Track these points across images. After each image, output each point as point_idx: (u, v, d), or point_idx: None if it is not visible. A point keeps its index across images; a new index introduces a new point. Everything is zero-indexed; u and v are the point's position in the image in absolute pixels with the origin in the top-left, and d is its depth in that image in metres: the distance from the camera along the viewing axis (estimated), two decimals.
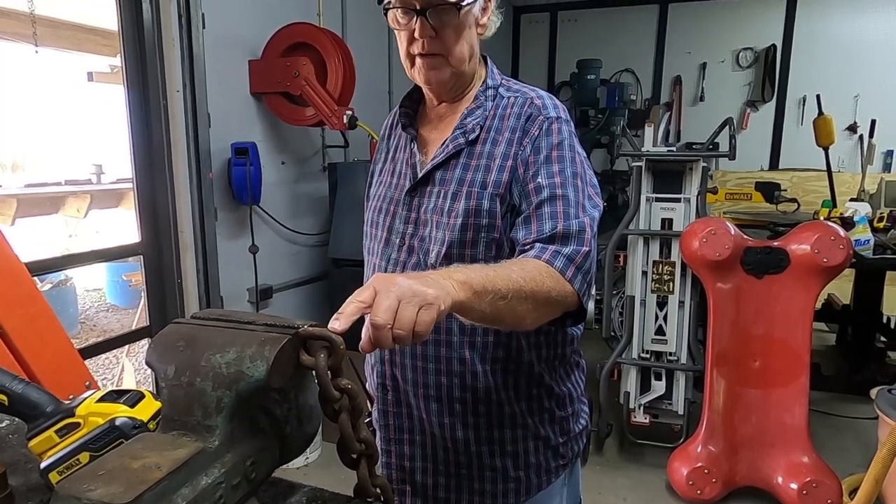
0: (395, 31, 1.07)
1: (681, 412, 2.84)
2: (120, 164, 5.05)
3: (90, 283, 6.34)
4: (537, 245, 0.97)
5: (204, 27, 2.49)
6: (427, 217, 1.08)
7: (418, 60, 1.05)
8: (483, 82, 1.13)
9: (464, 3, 1.01)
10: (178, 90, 2.44)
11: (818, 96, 4.29)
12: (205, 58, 2.50)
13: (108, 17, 2.82)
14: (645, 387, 2.91)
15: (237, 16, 2.71)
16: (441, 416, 1.09)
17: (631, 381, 2.90)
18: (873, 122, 4.57)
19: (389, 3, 1.03)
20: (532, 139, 1.04)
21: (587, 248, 0.98)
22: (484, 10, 1.08)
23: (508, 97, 1.11)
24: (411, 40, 1.04)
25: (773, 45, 5.67)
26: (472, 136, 1.07)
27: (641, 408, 2.89)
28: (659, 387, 2.87)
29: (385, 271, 1.11)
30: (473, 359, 1.06)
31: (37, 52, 2.09)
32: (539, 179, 1.02)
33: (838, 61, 5.48)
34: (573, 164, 1.04)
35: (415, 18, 1.01)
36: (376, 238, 1.16)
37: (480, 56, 1.14)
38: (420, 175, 1.10)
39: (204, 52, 2.50)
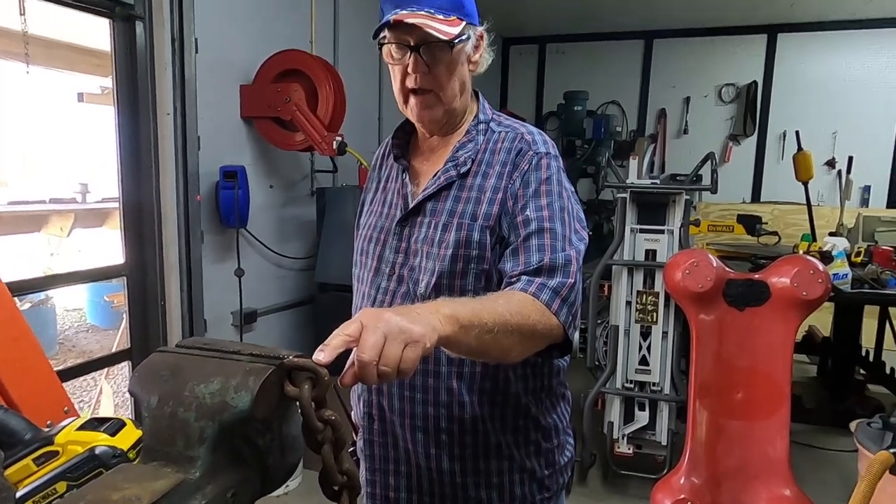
0: (389, 66, 1.10)
1: (664, 443, 2.84)
2: (106, 184, 5.03)
3: (70, 302, 6.24)
4: (524, 277, 0.99)
5: (197, 52, 2.52)
6: (417, 247, 1.09)
7: (412, 99, 1.08)
8: (475, 117, 1.15)
9: (456, 41, 1.04)
10: (169, 113, 2.46)
11: (797, 132, 4.40)
12: (196, 82, 2.53)
13: (100, 37, 2.84)
14: (629, 417, 2.91)
15: (230, 42, 2.75)
16: (427, 446, 1.09)
17: (615, 411, 2.90)
18: (850, 158, 4.70)
19: (384, 38, 1.06)
20: (521, 173, 1.07)
21: (572, 281, 1.00)
22: (476, 47, 1.11)
23: (499, 132, 1.13)
24: (405, 75, 1.07)
25: (755, 82, 5.84)
26: (463, 170, 1.10)
27: (625, 438, 2.89)
28: (642, 417, 2.87)
29: (375, 300, 1.12)
30: (461, 389, 1.07)
31: (28, 72, 2.10)
32: (527, 213, 1.04)
33: (817, 99, 5.66)
34: (560, 198, 1.07)
35: (409, 54, 1.04)
36: (366, 267, 1.17)
37: (472, 91, 1.17)
38: (411, 205, 1.12)
39: (196, 76, 2.52)
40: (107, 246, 4.78)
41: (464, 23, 1.05)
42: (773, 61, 5.79)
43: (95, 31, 3.17)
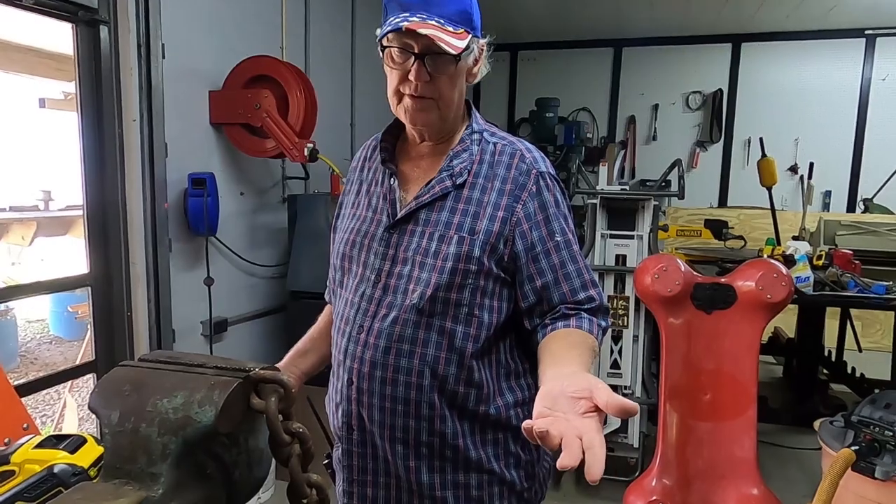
0: (388, 69, 1.06)
1: (636, 445, 2.87)
2: (70, 191, 4.90)
3: (32, 313, 6.05)
4: (584, 315, 1.06)
5: (164, 57, 2.47)
6: (408, 256, 1.07)
7: (406, 100, 1.05)
8: (468, 126, 1.14)
9: (462, 54, 1.02)
10: (135, 119, 2.41)
11: (761, 139, 4.54)
12: (163, 88, 2.48)
13: (61, 40, 2.77)
14: None
15: (198, 47, 2.71)
16: (407, 458, 1.07)
17: None
18: (811, 164, 4.84)
19: (387, 41, 1.03)
20: (532, 195, 1.07)
21: (611, 320, 1.08)
22: (476, 60, 1.10)
23: (494, 143, 1.12)
24: (403, 80, 1.04)
25: (720, 90, 5.99)
26: (459, 180, 1.08)
27: None
28: (614, 420, 2.90)
29: (359, 308, 1.09)
30: (442, 404, 1.06)
31: None
32: (557, 238, 1.07)
33: (780, 106, 5.83)
34: (568, 220, 1.11)
35: (411, 60, 1.01)
36: (350, 272, 1.14)
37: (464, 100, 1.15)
38: (402, 213, 1.09)
39: (163, 82, 2.48)
40: (71, 254, 4.66)
41: (470, 35, 1.03)
42: (738, 70, 5.95)
43: (56, 34, 3.09)
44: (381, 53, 1.06)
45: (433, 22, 0.99)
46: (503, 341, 1.11)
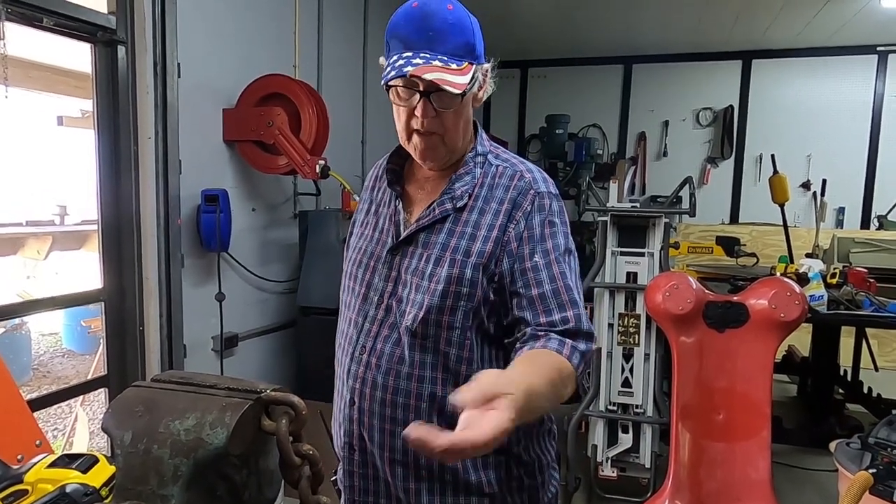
0: (395, 106, 1.07)
1: (648, 465, 2.83)
2: (85, 206, 4.97)
3: (46, 327, 6.11)
4: (554, 336, 1.01)
5: (179, 76, 2.51)
6: (407, 277, 1.08)
7: (416, 138, 1.06)
8: (473, 148, 1.14)
9: (467, 90, 1.02)
10: (150, 137, 2.44)
11: (773, 155, 4.51)
12: (178, 106, 2.52)
13: (80, 59, 2.82)
14: (612, 439, 2.91)
15: (213, 66, 2.75)
16: (406, 480, 1.07)
17: (598, 434, 2.89)
18: (824, 181, 4.81)
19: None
20: (525, 214, 1.07)
21: (594, 345, 1.05)
22: (481, 86, 1.10)
23: (497, 165, 1.12)
24: (411, 116, 1.05)
25: (731, 106, 5.98)
26: (459, 204, 1.08)
27: (609, 461, 2.88)
28: (626, 440, 2.87)
29: (362, 328, 1.11)
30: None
31: (6, 96, 2.08)
32: (536, 259, 1.05)
33: (791, 122, 5.81)
34: (567, 239, 1.09)
35: (417, 97, 1.02)
36: (354, 292, 1.15)
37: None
38: (403, 235, 1.10)
39: (178, 100, 2.51)
40: (85, 268, 4.71)
41: (474, 66, 1.03)
42: (749, 86, 5.95)
43: (75, 53, 3.15)
44: (386, 91, 1.06)
45: (437, 62, 0.99)
46: (501, 363, 1.10)
